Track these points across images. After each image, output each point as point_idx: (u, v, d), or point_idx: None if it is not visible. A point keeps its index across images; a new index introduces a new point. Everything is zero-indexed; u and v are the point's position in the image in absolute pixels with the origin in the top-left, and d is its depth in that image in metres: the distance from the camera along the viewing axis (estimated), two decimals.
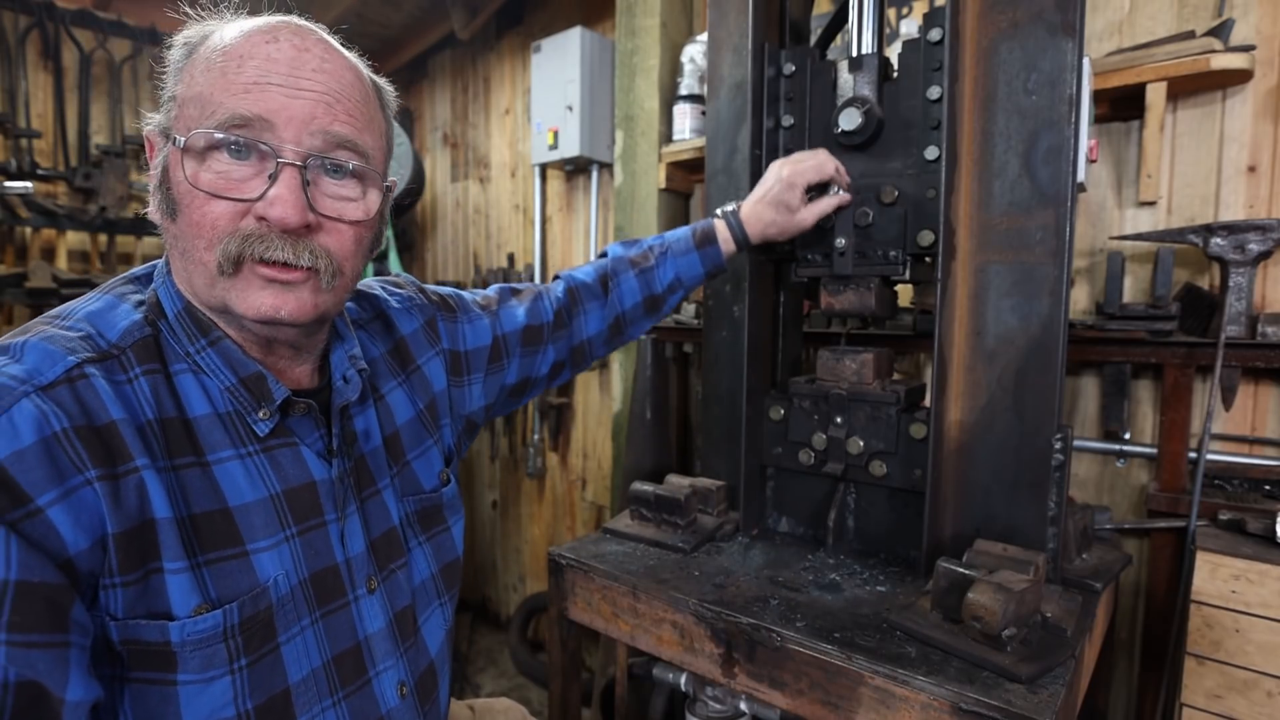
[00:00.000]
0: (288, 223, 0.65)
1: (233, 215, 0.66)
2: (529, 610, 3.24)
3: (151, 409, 0.66)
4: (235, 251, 0.65)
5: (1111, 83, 1.57)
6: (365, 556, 0.81)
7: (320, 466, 0.77)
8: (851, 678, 0.99)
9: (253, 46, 0.66)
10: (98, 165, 3.45)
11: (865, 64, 1.35)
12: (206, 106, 0.65)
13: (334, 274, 0.71)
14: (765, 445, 1.51)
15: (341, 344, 0.84)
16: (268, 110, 0.65)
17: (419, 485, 0.93)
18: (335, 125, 0.68)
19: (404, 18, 3.53)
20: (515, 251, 3.49)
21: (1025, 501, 1.17)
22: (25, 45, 3.29)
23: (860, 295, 1.35)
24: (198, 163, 0.65)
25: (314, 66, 0.67)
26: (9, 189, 3.07)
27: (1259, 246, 1.45)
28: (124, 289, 0.74)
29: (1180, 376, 1.54)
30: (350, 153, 0.70)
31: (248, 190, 0.65)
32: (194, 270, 0.68)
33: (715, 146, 1.53)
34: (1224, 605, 1.30)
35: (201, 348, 0.71)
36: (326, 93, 0.68)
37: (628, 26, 2.45)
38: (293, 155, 0.66)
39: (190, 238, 0.66)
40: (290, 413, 0.75)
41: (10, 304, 3.07)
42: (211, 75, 0.66)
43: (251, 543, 0.69)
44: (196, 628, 0.64)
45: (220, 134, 0.64)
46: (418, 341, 1.00)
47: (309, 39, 0.69)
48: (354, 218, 0.72)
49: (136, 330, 0.69)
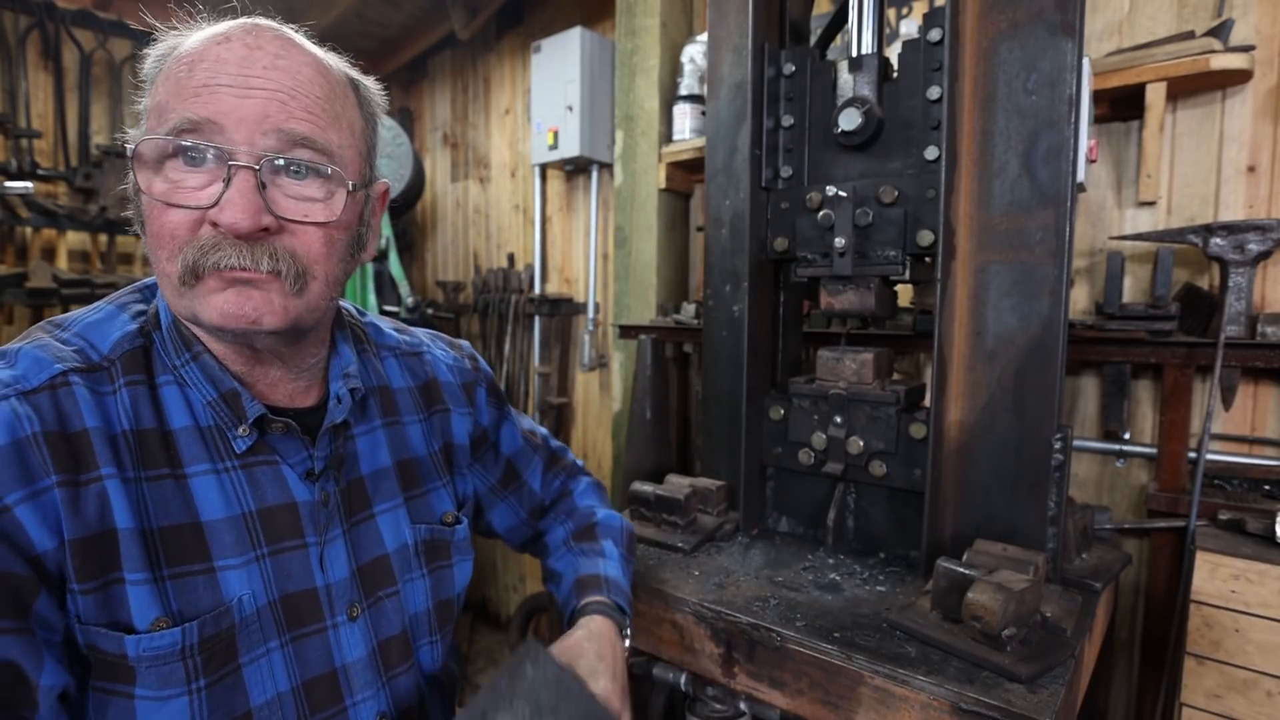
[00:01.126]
0: (238, 228, 0.63)
1: (190, 224, 0.64)
2: (529, 610, 3.24)
3: (129, 420, 0.66)
4: (193, 261, 0.64)
5: (1111, 83, 1.57)
6: (349, 582, 0.78)
7: (302, 488, 0.75)
8: (851, 677, 1.00)
9: (205, 49, 0.64)
10: (98, 165, 3.45)
11: (865, 64, 1.35)
12: (161, 115, 0.64)
13: (299, 276, 0.68)
14: (765, 445, 1.51)
15: (337, 360, 0.82)
16: (216, 112, 0.62)
17: (433, 515, 0.91)
18: (290, 123, 0.65)
19: (404, 18, 3.53)
20: (515, 251, 3.50)
21: (1025, 501, 1.17)
22: (25, 45, 3.30)
23: (860, 295, 1.35)
24: (153, 171, 0.64)
25: (265, 64, 0.64)
26: (9, 189, 3.07)
27: (1258, 246, 1.45)
28: (128, 299, 0.75)
29: (1180, 376, 1.54)
30: (311, 151, 0.67)
31: (202, 197, 0.63)
32: (164, 283, 0.67)
33: (715, 146, 1.53)
34: (1224, 605, 1.30)
35: (185, 361, 0.71)
36: (279, 90, 0.65)
37: (628, 26, 2.45)
38: (246, 157, 0.63)
39: (154, 249, 0.65)
40: (269, 430, 0.73)
41: (10, 304, 3.07)
42: (169, 84, 0.64)
43: (220, 559, 0.68)
44: (153, 644, 0.63)
45: (169, 140, 0.62)
46: (451, 393, 0.99)
47: (263, 36, 0.66)
48: (319, 219, 0.68)
49: (127, 342, 0.69)
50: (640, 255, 2.48)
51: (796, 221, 1.42)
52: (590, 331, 3.10)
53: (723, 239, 1.52)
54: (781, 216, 1.46)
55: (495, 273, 3.48)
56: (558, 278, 3.33)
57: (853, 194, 1.31)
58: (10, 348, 0.65)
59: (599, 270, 3.08)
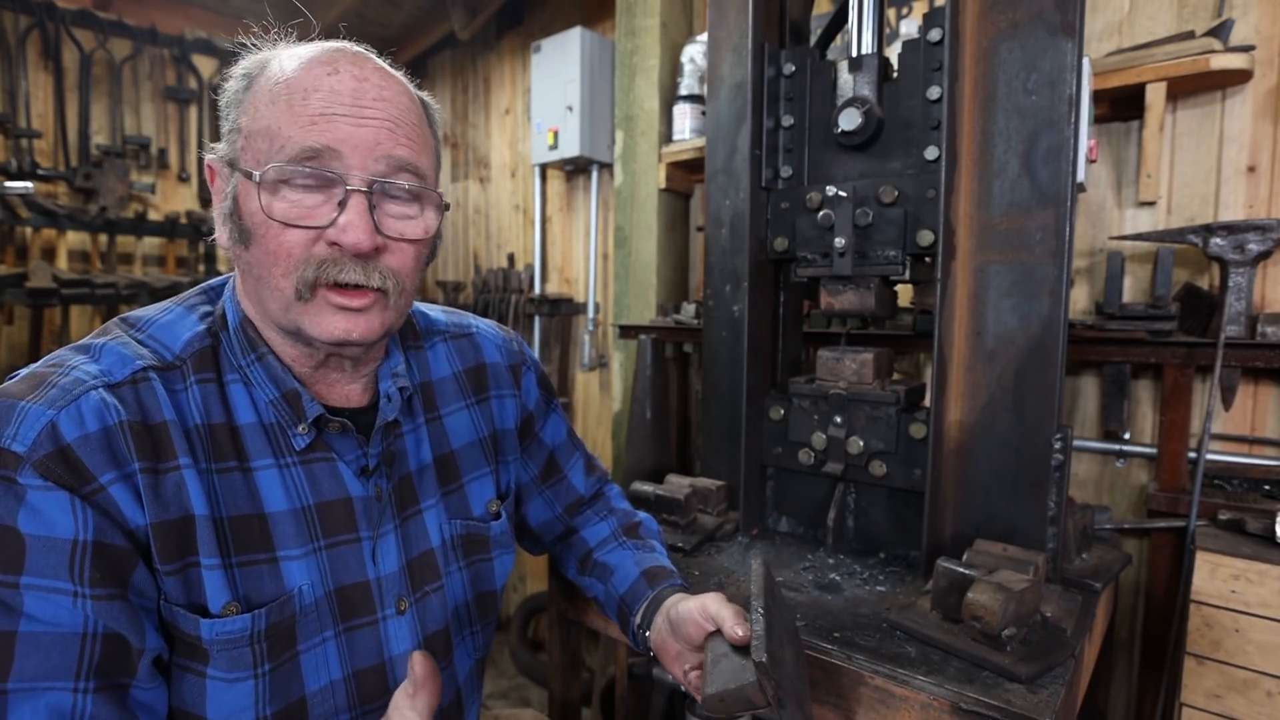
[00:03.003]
0: (361, 248, 0.68)
1: (306, 242, 0.69)
2: (529, 610, 3.24)
3: (200, 415, 0.71)
4: (312, 277, 0.69)
5: (1111, 83, 1.57)
6: (398, 576, 0.82)
7: (357, 484, 0.79)
8: (851, 677, 0.99)
9: (315, 79, 0.68)
10: (98, 165, 3.45)
11: (865, 64, 1.35)
12: (275, 140, 0.68)
13: (400, 293, 0.74)
14: (765, 445, 1.51)
15: (387, 361, 0.86)
16: (335, 141, 0.67)
17: (468, 510, 0.93)
18: (397, 150, 0.71)
19: (404, 18, 3.54)
20: (515, 251, 3.50)
21: (1025, 501, 1.17)
22: (25, 45, 3.30)
23: (860, 295, 1.35)
24: (271, 194, 0.68)
25: (374, 95, 0.70)
26: (9, 189, 3.07)
27: (1258, 246, 1.45)
28: (195, 300, 0.79)
29: (1180, 376, 1.54)
30: (410, 175, 0.73)
31: (319, 218, 0.68)
32: (269, 295, 0.71)
33: (715, 146, 1.53)
34: (1224, 605, 1.30)
35: (251, 362, 0.75)
36: (388, 119, 0.70)
37: (628, 26, 2.45)
38: (359, 182, 0.68)
39: (266, 265, 0.69)
40: (326, 429, 0.77)
41: (10, 304, 3.07)
42: (277, 108, 0.68)
43: (282, 549, 0.72)
44: (225, 629, 0.67)
45: (292, 167, 0.67)
46: (498, 375, 1.01)
47: (366, 67, 0.71)
48: (415, 236, 0.74)
49: (197, 341, 0.74)
50: (640, 255, 2.48)
51: (796, 221, 1.42)
52: (590, 331, 3.10)
53: (723, 239, 1.52)
54: (781, 216, 1.46)
55: (495, 273, 3.48)
56: (558, 278, 3.33)
57: (853, 194, 1.31)
58: (94, 343, 0.69)
59: (599, 270, 3.08)
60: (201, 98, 3.87)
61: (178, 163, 3.83)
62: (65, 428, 0.61)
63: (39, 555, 0.58)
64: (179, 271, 3.70)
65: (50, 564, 0.59)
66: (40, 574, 0.58)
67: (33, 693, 0.56)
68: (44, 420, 0.61)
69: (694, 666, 0.89)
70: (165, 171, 3.78)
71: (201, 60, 3.88)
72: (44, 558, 0.59)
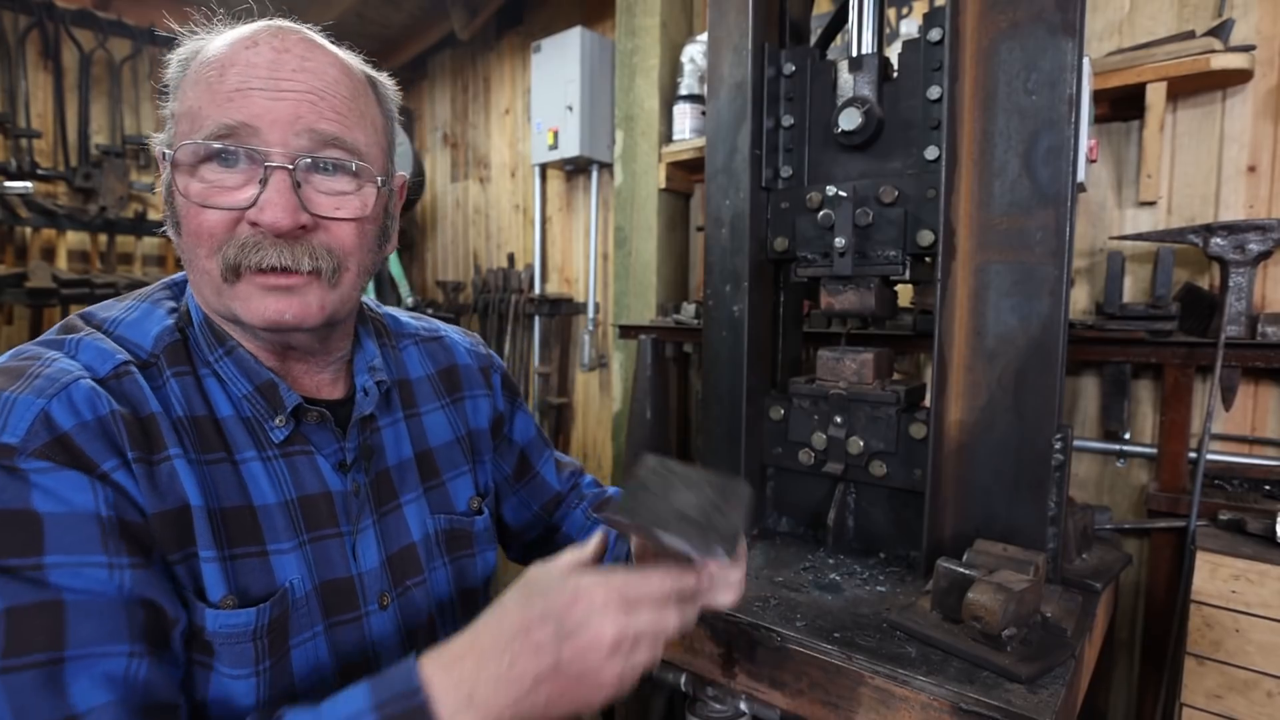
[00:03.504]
0: (280, 226, 0.65)
1: (227, 223, 0.66)
2: None
3: (182, 407, 0.69)
4: (233, 259, 0.66)
5: (1111, 83, 1.57)
6: (379, 572, 0.80)
7: (335, 478, 0.77)
8: (851, 678, 0.99)
9: (234, 54, 0.66)
10: (98, 165, 3.45)
11: (865, 64, 1.35)
12: (195, 120, 0.66)
13: (335, 271, 0.71)
14: (765, 445, 1.50)
15: (361, 354, 0.84)
16: (251, 116, 0.65)
17: (451, 505, 0.92)
18: (321, 123, 0.67)
19: (404, 18, 3.54)
20: (515, 251, 3.50)
21: (1025, 501, 1.17)
22: (25, 45, 3.29)
23: (860, 295, 1.35)
24: (189, 175, 0.66)
25: (294, 66, 0.67)
26: (9, 189, 3.07)
27: (1259, 246, 1.45)
28: (159, 295, 0.77)
29: (1180, 376, 1.54)
30: (340, 150, 0.69)
31: (239, 198, 0.65)
32: (201, 280, 0.69)
33: (715, 146, 1.53)
34: (1224, 605, 1.30)
35: (219, 356, 0.73)
36: (310, 91, 0.67)
37: (628, 26, 2.45)
38: (280, 158, 0.65)
39: (192, 248, 0.68)
40: (304, 420, 0.76)
41: (10, 304, 3.07)
42: (199, 88, 0.66)
43: (272, 543, 0.71)
44: (230, 621, 0.65)
45: (207, 144, 0.65)
46: (470, 376, 1.01)
47: (289, 39, 0.68)
48: (350, 214, 0.71)
49: (167, 335, 0.72)
50: (640, 255, 2.48)
51: (796, 221, 1.42)
52: (590, 331, 3.10)
53: (723, 239, 1.52)
54: (781, 216, 1.46)
55: (495, 273, 3.48)
56: (558, 278, 3.32)
57: (853, 194, 1.31)
58: (64, 339, 0.67)
59: (599, 270, 3.08)
60: None
61: None
62: (59, 416, 0.59)
63: (62, 532, 0.56)
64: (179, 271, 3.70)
65: (78, 539, 0.57)
66: (67, 550, 0.56)
67: (89, 659, 0.55)
68: (35, 409, 0.58)
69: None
70: None
71: None
72: (69, 533, 0.56)
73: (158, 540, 0.63)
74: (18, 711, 0.51)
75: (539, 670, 0.57)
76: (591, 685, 0.58)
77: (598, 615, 0.57)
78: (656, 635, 0.60)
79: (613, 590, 0.58)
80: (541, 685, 0.57)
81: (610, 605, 0.57)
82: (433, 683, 0.57)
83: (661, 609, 0.61)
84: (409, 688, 0.57)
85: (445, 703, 0.56)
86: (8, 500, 0.55)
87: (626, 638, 0.58)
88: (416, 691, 0.56)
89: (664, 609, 0.61)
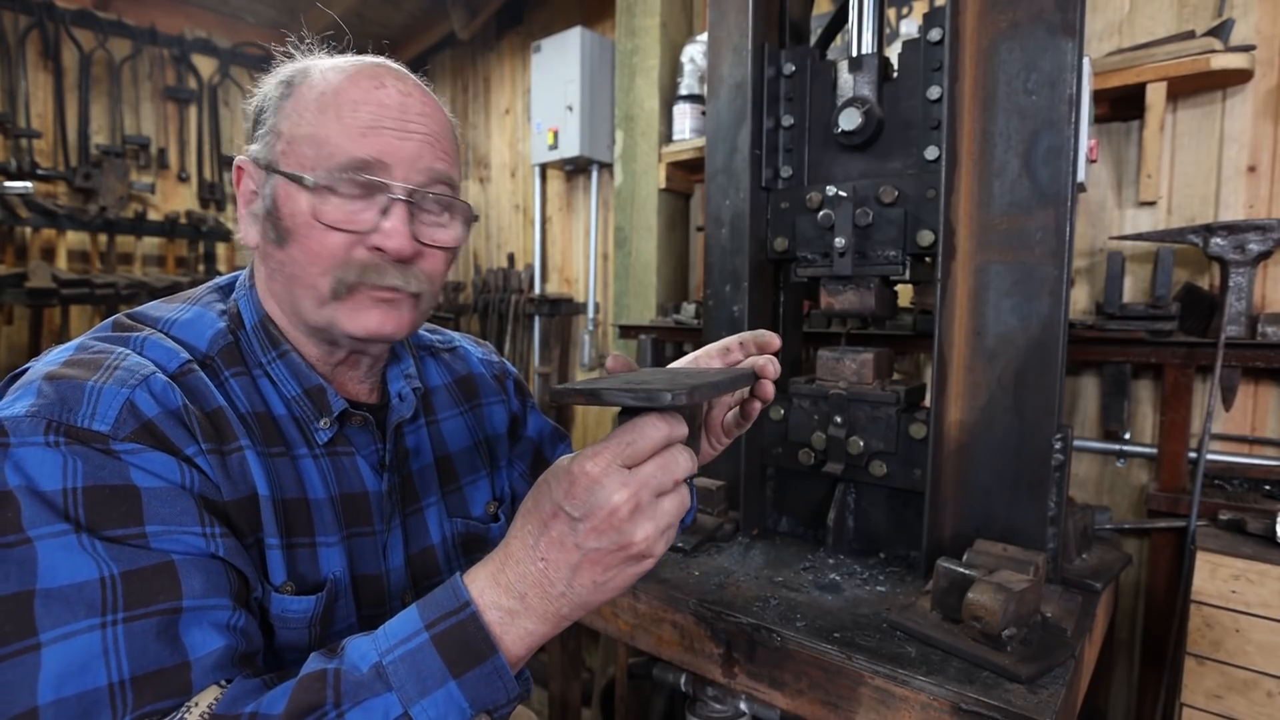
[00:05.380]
0: (403, 254, 0.73)
1: (347, 245, 0.72)
2: None
3: (244, 403, 0.74)
4: (353, 280, 0.72)
5: (1111, 83, 1.57)
6: (403, 571, 0.85)
7: (373, 478, 0.82)
8: (851, 678, 0.99)
9: (363, 93, 0.73)
10: (98, 165, 3.45)
11: (865, 64, 1.35)
12: (324, 147, 0.71)
13: (431, 296, 0.79)
14: (765, 445, 1.51)
15: (397, 363, 0.89)
16: (383, 153, 0.72)
17: (467, 510, 0.96)
18: (436, 163, 0.76)
19: (404, 18, 3.54)
20: (515, 251, 3.50)
21: (1025, 501, 1.17)
22: (25, 45, 3.30)
23: (860, 295, 1.35)
24: (319, 198, 0.72)
25: (418, 111, 0.75)
26: (9, 189, 3.07)
27: (1259, 246, 1.45)
28: (209, 298, 0.81)
29: (1180, 376, 1.54)
30: (445, 186, 0.77)
31: (362, 223, 0.72)
32: (301, 293, 0.74)
33: (715, 146, 1.53)
34: (1224, 605, 1.30)
35: (272, 359, 0.78)
36: (429, 134, 0.76)
37: (628, 26, 2.45)
38: (402, 191, 0.73)
39: (303, 264, 0.73)
40: (348, 423, 0.81)
41: (10, 304, 3.07)
42: (326, 117, 0.72)
43: (321, 535, 0.75)
44: (292, 607, 0.70)
45: (342, 174, 0.71)
46: (485, 384, 1.06)
47: (408, 84, 0.77)
48: (447, 244, 0.78)
49: (221, 338, 0.76)
50: (640, 255, 2.48)
51: (796, 221, 1.42)
52: (590, 331, 3.10)
53: (723, 239, 1.52)
54: (781, 216, 1.46)
55: (495, 273, 3.48)
56: (558, 278, 3.33)
57: (853, 194, 1.31)
58: (130, 336, 0.71)
59: (599, 270, 3.08)
60: (201, 98, 3.87)
61: (177, 162, 3.83)
62: (143, 405, 0.63)
63: (161, 504, 0.60)
64: (178, 271, 3.70)
65: (175, 510, 0.61)
66: (165, 521, 0.60)
67: (201, 610, 0.59)
68: (121, 398, 0.62)
69: None
70: (165, 171, 3.78)
71: (201, 60, 3.88)
72: (166, 505, 0.60)
73: (234, 523, 0.67)
74: (136, 660, 0.55)
75: (572, 560, 0.57)
76: (631, 552, 0.57)
77: (600, 488, 0.56)
78: (672, 479, 0.59)
79: (605, 458, 0.57)
80: (580, 573, 0.58)
81: (609, 473, 0.57)
82: (481, 595, 0.59)
83: (663, 453, 0.59)
84: (458, 602, 0.58)
85: (493, 612, 0.58)
86: (107, 476, 0.59)
87: (640, 494, 0.57)
88: (467, 604, 0.58)
89: (666, 453, 0.59)
